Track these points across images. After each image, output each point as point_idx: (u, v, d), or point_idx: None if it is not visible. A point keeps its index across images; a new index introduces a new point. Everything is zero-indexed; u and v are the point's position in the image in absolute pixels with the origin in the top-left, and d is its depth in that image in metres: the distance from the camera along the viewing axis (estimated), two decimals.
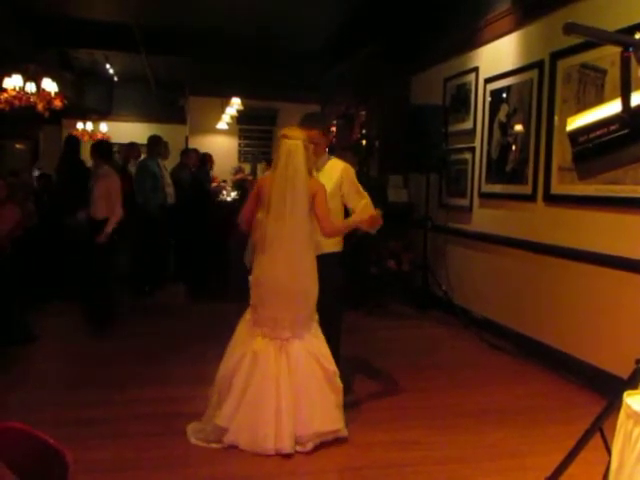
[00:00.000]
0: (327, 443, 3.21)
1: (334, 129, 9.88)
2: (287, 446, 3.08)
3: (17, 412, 3.47)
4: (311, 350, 3.26)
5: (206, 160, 8.45)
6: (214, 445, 3.16)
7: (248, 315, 3.38)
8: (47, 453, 1.41)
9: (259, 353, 3.23)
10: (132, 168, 8.05)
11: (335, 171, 3.72)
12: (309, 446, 3.14)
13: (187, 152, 9.00)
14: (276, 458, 3.05)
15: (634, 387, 2.03)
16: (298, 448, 3.12)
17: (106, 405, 3.74)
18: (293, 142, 3.28)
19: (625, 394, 1.77)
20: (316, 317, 3.36)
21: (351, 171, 3.79)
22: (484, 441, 3.35)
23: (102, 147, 6.14)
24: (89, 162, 6.73)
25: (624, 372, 2.31)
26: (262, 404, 3.14)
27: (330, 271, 3.51)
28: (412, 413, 3.76)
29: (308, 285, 3.30)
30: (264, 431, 3.09)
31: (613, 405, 2.16)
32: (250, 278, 3.38)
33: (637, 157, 3.85)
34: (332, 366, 3.29)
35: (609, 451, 1.95)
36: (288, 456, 3.07)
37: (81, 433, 3.26)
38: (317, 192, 3.31)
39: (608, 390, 3.22)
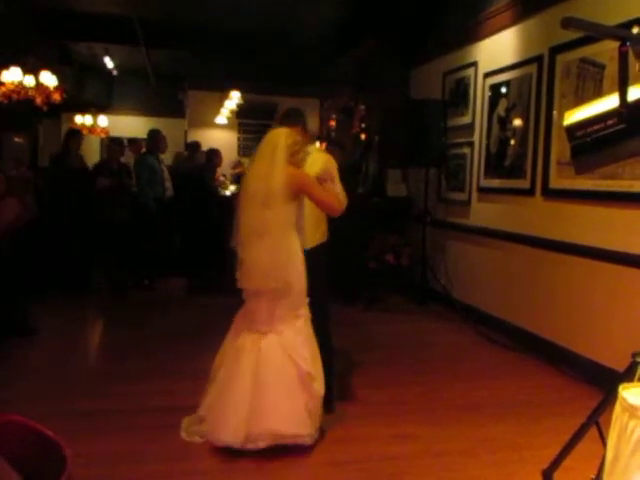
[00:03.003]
0: (325, 437, 3.21)
1: (333, 123, 9.89)
2: (235, 441, 2.99)
3: (16, 405, 3.48)
4: (287, 347, 3.12)
5: (213, 156, 8.44)
6: (197, 438, 3.15)
7: (242, 309, 3.35)
8: (45, 446, 1.42)
9: (239, 348, 3.19)
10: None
11: (316, 165, 3.59)
12: (260, 445, 3.00)
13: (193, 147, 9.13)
14: (272, 451, 3.03)
15: (630, 380, 2.04)
16: (249, 445, 3.00)
17: (106, 398, 3.75)
18: (275, 130, 3.29)
19: (621, 387, 1.78)
20: (304, 313, 3.23)
21: (332, 163, 3.68)
22: (482, 434, 3.36)
23: None
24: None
25: (620, 365, 2.32)
26: (228, 396, 3.11)
27: (317, 263, 3.41)
28: (410, 407, 3.78)
29: (290, 277, 3.14)
30: (222, 422, 3.06)
31: (609, 398, 2.17)
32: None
33: (634, 152, 3.86)
34: (307, 367, 3.11)
35: (605, 444, 1.97)
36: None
37: (81, 426, 3.27)
38: (303, 183, 3.20)
39: (604, 383, 3.24)
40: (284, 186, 3.13)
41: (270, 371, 3.08)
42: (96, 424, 3.36)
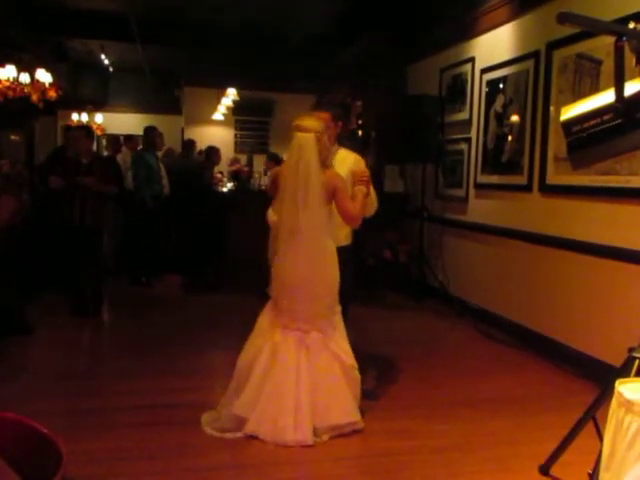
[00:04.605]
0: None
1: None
2: (307, 438, 3.08)
3: (13, 403, 3.47)
4: (330, 344, 3.25)
5: (212, 154, 8.44)
6: (229, 435, 3.15)
7: (270, 306, 3.37)
8: (41, 443, 1.42)
9: (279, 344, 3.23)
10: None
11: (345, 163, 3.61)
12: (324, 438, 3.15)
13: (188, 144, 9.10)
14: (271, 448, 3.05)
15: (626, 375, 2.05)
16: (315, 440, 3.12)
17: (103, 396, 3.75)
18: (304, 135, 3.20)
19: (617, 382, 1.79)
20: (339, 309, 3.35)
21: (362, 162, 3.70)
22: (480, 430, 3.37)
23: None
24: None
25: (618, 361, 2.33)
26: (282, 395, 3.14)
27: (344, 264, 3.47)
28: (408, 402, 3.78)
29: (328, 276, 3.27)
30: (284, 422, 3.09)
31: (606, 394, 2.18)
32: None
33: (630, 147, 3.86)
34: (350, 360, 3.28)
35: (602, 439, 1.97)
36: (284, 446, 3.07)
37: (78, 423, 3.27)
38: (337, 186, 3.22)
39: (601, 379, 3.25)
40: (322, 188, 3.18)
41: (321, 369, 3.21)
42: (93, 422, 3.35)
